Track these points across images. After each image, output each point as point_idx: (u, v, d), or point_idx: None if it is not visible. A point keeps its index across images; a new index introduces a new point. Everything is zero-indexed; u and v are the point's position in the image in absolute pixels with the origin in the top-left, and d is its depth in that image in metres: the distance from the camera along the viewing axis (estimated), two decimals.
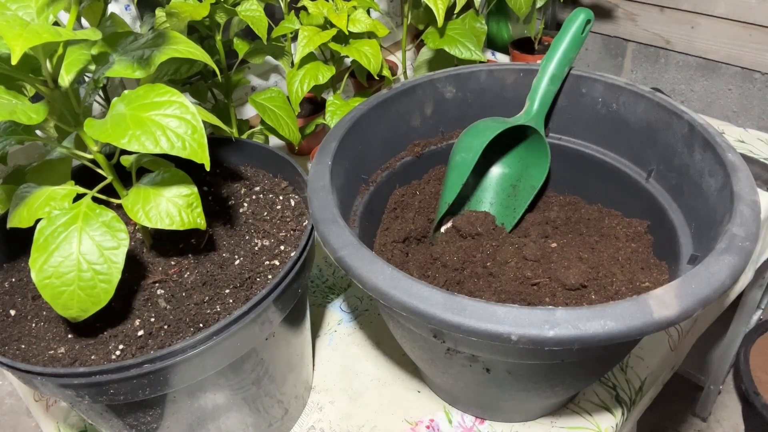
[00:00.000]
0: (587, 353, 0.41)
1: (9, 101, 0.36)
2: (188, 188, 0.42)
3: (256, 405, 0.49)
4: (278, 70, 1.05)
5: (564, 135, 0.61)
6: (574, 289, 0.50)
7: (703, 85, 1.24)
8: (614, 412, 0.57)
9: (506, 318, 0.33)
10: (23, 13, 0.36)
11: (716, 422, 1.36)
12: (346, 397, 0.60)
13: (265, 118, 0.68)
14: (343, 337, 0.66)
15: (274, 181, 0.58)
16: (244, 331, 0.41)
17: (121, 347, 0.42)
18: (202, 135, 0.37)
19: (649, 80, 1.31)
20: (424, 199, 0.60)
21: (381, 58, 0.71)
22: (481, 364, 0.43)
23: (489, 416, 0.56)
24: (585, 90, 0.58)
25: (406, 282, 0.36)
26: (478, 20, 0.83)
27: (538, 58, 1.10)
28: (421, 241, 0.59)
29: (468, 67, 0.60)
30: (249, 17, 0.65)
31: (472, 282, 0.54)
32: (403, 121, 0.59)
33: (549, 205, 0.63)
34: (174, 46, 0.41)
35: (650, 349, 0.63)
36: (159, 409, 0.43)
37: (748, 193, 0.41)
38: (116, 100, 0.39)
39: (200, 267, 0.49)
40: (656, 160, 0.54)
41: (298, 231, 0.52)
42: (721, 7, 1.12)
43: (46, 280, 0.37)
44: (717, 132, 0.47)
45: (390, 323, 0.49)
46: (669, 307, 0.34)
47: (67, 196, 0.40)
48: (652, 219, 0.54)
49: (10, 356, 0.42)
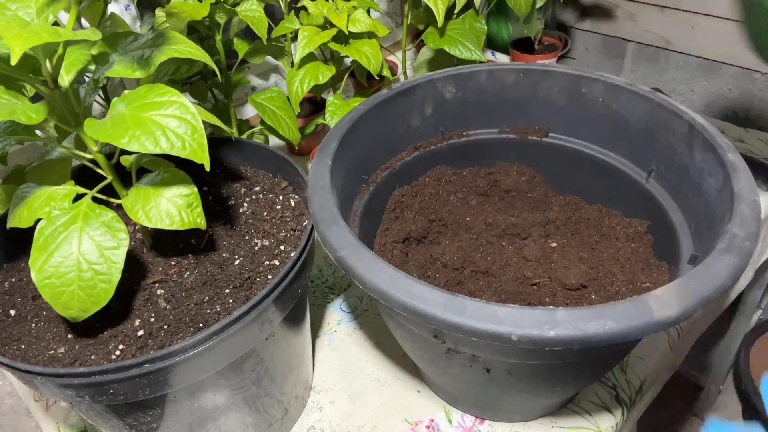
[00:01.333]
0: (587, 353, 0.41)
1: (9, 101, 0.36)
2: (188, 188, 0.42)
3: (256, 405, 0.49)
4: (278, 70, 1.05)
5: (564, 135, 0.61)
6: (574, 289, 0.50)
7: (703, 85, 1.24)
8: (614, 412, 0.57)
9: (507, 318, 0.33)
10: (23, 13, 0.36)
11: None
12: (346, 397, 0.60)
13: (265, 118, 0.68)
14: (343, 337, 0.66)
15: (274, 181, 0.58)
16: (244, 331, 0.41)
17: (121, 347, 0.42)
18: (202, 135, 0.37)
19: (649, 80, 1.31)
20: (424, 199, 0.60)
21: (381, 58, 0.70)
22: (481, 365, 0.43)
23: (489, 416, 0.56)
24: (585, 90, 0.58)
25: (407, 282, 0.36)
26: (478, 20, 0.83)
27: (538, 58, 1.10)
28: (421, 241, 0.59)
29: (468, 67, 0.60)
30: (249, 17, 0.65)
31: (473, 282, 0.54)
32: (403, 121, 0.59)
33: (549, 205, 0.63)
34: (174, 46, 0.41)
35: (650, 349, 0.63)
36: (159, 409, 0.43)
37: (749, 193, 0.41)
38: (116, 100, 0.39)
39: (200, 267, 0.49)
40: (656, 160, 0.54)
41: (298, 231, 0.52)
42: (721, 7, 1.11)
43: (46, 280, 0.37)
44: (717, 132, 0.47)
45: (390, 323, 0.49)
46: (669, 308, 0.34)
47: (67, 196, 0.40)
48: (652, 219, 0.54)
49: (10, 356, 0.42)
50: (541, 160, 0.63)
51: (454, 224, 0.60)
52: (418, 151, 0.61)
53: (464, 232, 0.60)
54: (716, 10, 1.12)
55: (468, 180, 0.64)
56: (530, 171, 0.64)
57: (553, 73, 0.59)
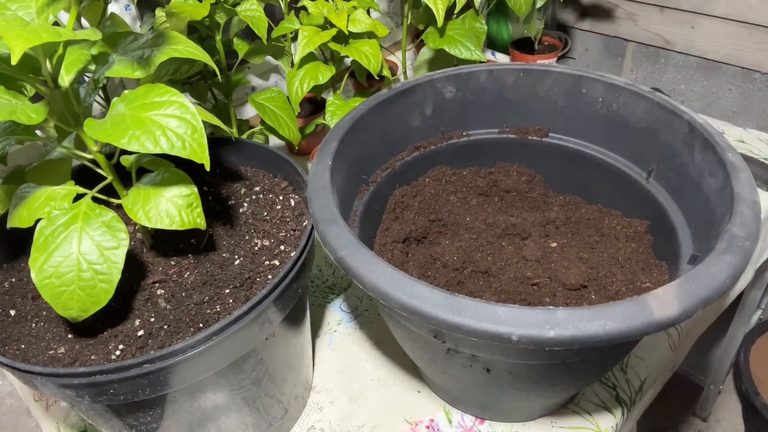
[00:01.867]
0: (587, 353, 0.41)
1: (9, 101, 0.36)
2: (188, 188, 0.42)
3: (256, 405, 0.49)
4: (278, 70, 1.05)
5: (564, 135, 0.61)
6: (574, 289, 0.50)
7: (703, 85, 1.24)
8: (614, 412, 0.57)
9: (506, 318, 0.33)
10: (23, 13, 0.36)
11: (716, 422, 1.36)
12: (346, 397, 0.60)
13: (265, 118, 0.68)
14: (343, 337, 0.66)
15: (274, 181, 0.58)
16: (244, 331, 0.41)
17: (121, 347, 0.42)
18: (202, 135, 0.37)
19: (649, 80, 1.31)
20: (424, 199, 0.60)
21: (381, 58, 0.70)
22: (481, 365, 0.43)
23: (489, 416, 0.56)
24: (585, 90, 0.58)
25: (407, 282, 0.36)
26: (478, 20, 0.83)
27: (538, 58, 1.10)
28: (421, 241, 0.59)
29: (468, 67, 0.60)
30: (249, 17, 0.65)
31: (473, 282, 0.54)
32: (403, 121, 0.59)
33: (549, 205, 0.63)
34: (174, 46, 0.41)
35: (650, 349, 0.63)
36: (159, 409, 0.43)
37: (749, 193, 0.41)
38: (116, 100, 0.39)
39: (200, 267, 0.49)
40: (656, 160, 0.54)
41: (298, 231, 0.52)
42: (721, 7, 1.11)
43: (46, 280, 0.37)
44: (717, 132, 0.47)
45: (390, 323, 0.49)
46: (669, 307, 0.34)
47: (67, 196, 0.40)
48: (652, 219, 0.54)
49: (10, 356, 0.42)
50: (541, 160, 0.63)
51: (454, 224, 0.60)
52: (418, 151, 0.61)
53: (464, 232, 0.60)
54: (716, 10, 1.12)
55: (468, 180, 0.64)
56: (530, 171, 0.64)
57: (553, 73, 0.59)
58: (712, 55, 1.18)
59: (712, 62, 1.19)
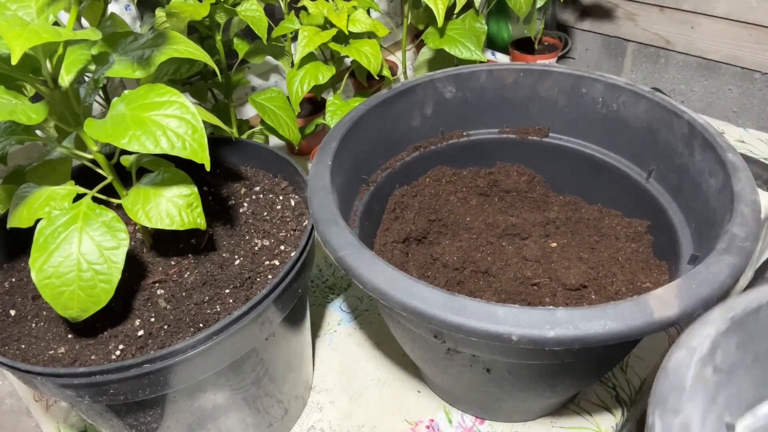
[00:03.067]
0: (588, 353, 0.41)
1: (9, 101, 0.36)
2: (188, 188, 0.42)
3: (256, 405, 0.49)
4: (278, 70, 1.05)
5: (564, 135, 0.61)
6: (574, 289, 0.50)
7: (703, 85, 1.24)
8: (614, 412, 0.57)
9: (507, 318, 0.33)
10: (23, 13, 0.36)
11: None
12: (346, 397, 0.60)
13: (265, 118, 0.68)
14: (343, 337, 0.66)
15: (274, 181, 0.58)
16: (244, 331, 0.41)
17: (121, 347, 0.42)
18: (202, 135, 0.37)
19: (649, 80, 1.31)
20: (424, 199, 0.60)
21: (381, 58, 0.70)
22: (481, 365, 0.43)
23: (489, 416, 0.56)
24: (585, 90, 0.58)
25: (407, 282, 0.36)
26: (478, 20, 0.83)
27: (538, 58, 1.10)
28: (421, 241, 0.59)
29: (468, 67, 0.60)
30: (249, 17, 0.65)
31: (473, 282, 0.54)
32: (403, 121, 0.59)
33: (549, 205, 0.63)
34: (174, 46, 0.41)
35: (650, 349, 0.63)
36: (159, 409, 0.43)
37: (749, 193, 0.41)
38: (116, 100, 0.38)
39: (200, 267, 0.49)
40: (656, 160, 0.54)
41: (298, 231, 0.52)
42: (721, 7, 1.12)
43: (46, 280, 0.37)
44: (717, 132, 0.47)
45: (390, 323, 0.49)
46: (669, 308, 0.34)
47: (67, 196, 0.40)
48: (652, 219, 0.54)
49: (10, 356, 0.42)
50: (541, 160, 0.63)
51: (454, 224, 0.60)
52: (418, 151, 0.61)
53: (464, 232, 0.60)
54: (716, 10, 1.13)
55: (468, 180, 0.64)
56: (530, 171, 0.64)
57: (553, 73, 0.59)
58: (712, 55, 1.18)
59: (712, 62, 1.19)
